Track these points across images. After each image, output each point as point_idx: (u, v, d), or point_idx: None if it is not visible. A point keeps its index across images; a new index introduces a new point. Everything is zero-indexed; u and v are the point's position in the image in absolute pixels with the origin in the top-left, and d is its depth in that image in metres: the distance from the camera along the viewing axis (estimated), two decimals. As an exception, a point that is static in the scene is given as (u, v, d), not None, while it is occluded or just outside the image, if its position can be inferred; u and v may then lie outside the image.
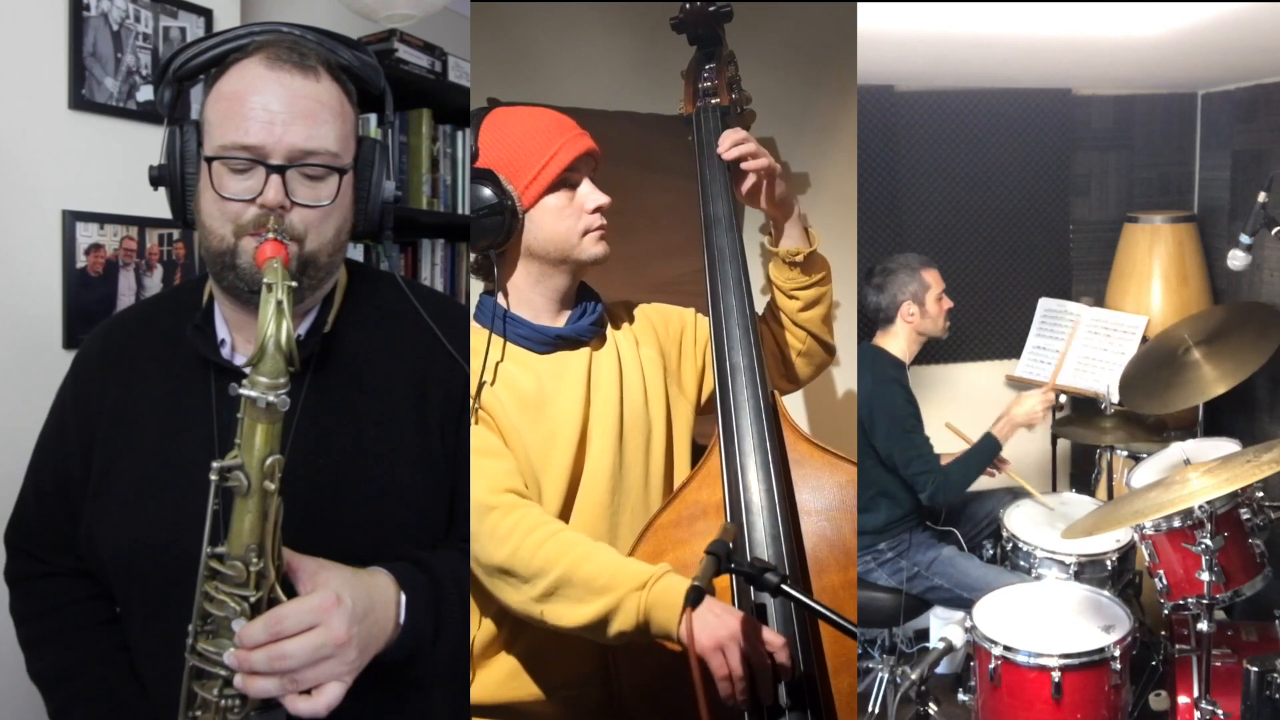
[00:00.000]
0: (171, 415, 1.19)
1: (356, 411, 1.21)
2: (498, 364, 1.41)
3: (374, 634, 1.04)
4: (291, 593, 1.00)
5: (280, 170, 1.10)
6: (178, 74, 1.16)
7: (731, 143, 1.51)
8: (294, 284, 0.98)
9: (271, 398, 0.93)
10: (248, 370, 0.95)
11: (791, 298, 1.60)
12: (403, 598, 1.09)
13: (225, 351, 1.21)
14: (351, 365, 1.23)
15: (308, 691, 0.98)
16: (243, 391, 0.93)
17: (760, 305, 1.60)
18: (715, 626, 1.17)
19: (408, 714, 1.23)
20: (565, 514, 1.41)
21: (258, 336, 0.94)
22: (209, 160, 1.12)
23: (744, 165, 1.51)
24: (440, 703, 1.29)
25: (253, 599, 0.97)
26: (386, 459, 1.21)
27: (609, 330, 1.52)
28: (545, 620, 1.28)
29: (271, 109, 1.10)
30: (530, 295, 1.45)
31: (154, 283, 2.23)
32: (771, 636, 1.19)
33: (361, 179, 1.21)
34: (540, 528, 1.29)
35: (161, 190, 1.17)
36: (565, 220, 1.42)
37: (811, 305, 1.61)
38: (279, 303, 0.95)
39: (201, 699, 1.01)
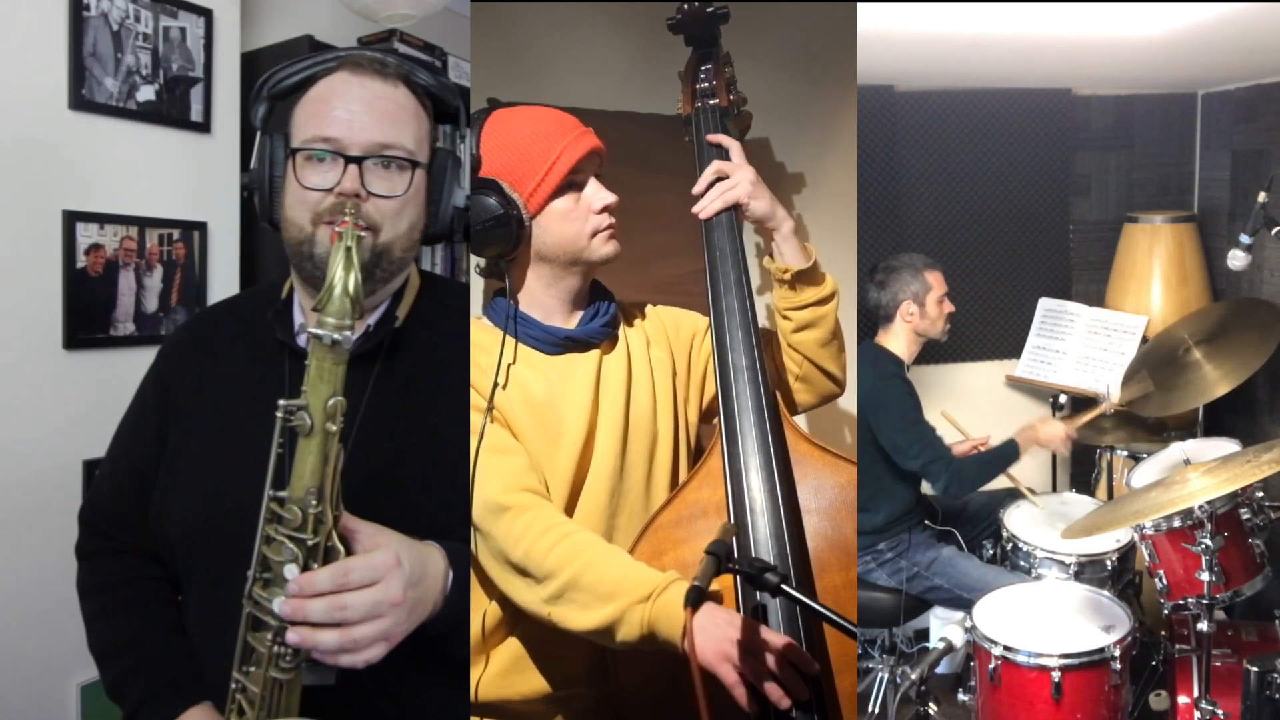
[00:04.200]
0: (245, 397, 1.26)
1: (419, 401, 1.28)
2: (509, 365, 1.41)
3: (424, 601, 1.08)
4: (350, 554, 1.04)
5: (357, 161, 1.19)
6: (271, 93, 1.28)
7: (706, 203, 1.54)
8: (363, 234, 1.06)
9: (337, 336, 0.98)
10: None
11: (785, 318, 1.55)
12: (450, 573, 1.13)
13: (302, 340, 1.26)
14: (418, 358, 1.30)
15: None
16: (311, 330, 0.99)
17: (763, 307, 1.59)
18: (718, 638, 1.16)
19: (425, 680, 1.23)
20: (566, 515, 1.40)
21: (326, 281, 1.00)
22: (294, 153, 1.21)
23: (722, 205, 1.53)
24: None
25: (310, 543, 1.01)
26: (444, 446, 1.28)
27: (621, 330, 1.51)
28: (553, 621, 1.28)
29: (352, 108, 1.21)
30: (543, 298, 1.45)
31: (154, 282, 2.24)
32: (772, 637, 1.18)
33: (435, 183, 1.29)
34: (553, 529, 1.30)
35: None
36: (573, 223, 1.41)
37: (805, 327, 1.55)
38: (348, 249, 1.00)
39: (255, 650, 1.04)
